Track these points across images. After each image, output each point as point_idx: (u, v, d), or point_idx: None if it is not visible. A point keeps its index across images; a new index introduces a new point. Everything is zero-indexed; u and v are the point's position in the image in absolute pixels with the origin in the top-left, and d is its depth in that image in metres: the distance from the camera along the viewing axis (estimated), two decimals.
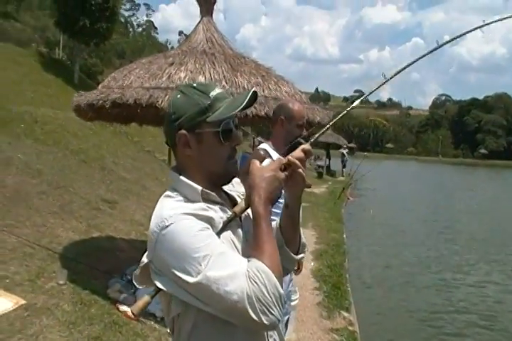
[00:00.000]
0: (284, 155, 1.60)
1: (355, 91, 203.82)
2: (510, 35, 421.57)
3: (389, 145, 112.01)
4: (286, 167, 1.54)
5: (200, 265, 1.34)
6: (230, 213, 1.54)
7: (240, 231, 1.58)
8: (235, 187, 1.72)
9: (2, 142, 8.98)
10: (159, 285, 1.42)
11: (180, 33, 71.96)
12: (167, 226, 1.39)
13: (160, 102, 4.24)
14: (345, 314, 6.15)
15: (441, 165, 77.80)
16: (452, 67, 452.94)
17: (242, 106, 1.51)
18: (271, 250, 1.43)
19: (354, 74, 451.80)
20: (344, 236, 11.38)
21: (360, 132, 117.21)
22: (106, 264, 5.88)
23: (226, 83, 4.55)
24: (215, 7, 5.46)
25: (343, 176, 29.05)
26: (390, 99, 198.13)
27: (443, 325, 7.45)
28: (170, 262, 1.37)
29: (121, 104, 4.42)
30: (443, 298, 8.84)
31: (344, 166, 30.66)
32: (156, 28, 68.84)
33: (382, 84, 1.94)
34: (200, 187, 1.51)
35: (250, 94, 1.53)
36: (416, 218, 18.89)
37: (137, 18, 63.02)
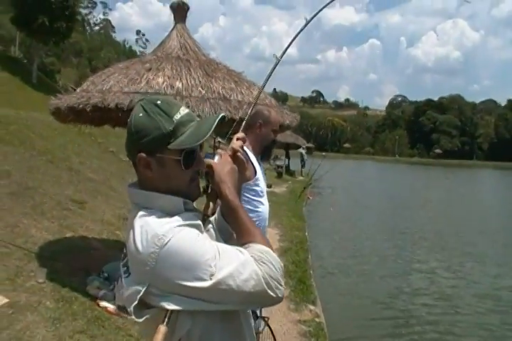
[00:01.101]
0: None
1: (313, 91, 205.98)
2: (464, 39, 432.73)
3: (346, 145, 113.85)
4: (233, 157, 1.67)
5: (211, 267, 1.39)
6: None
7: (213, 231, 1.64)
8: None
9: None
10: (169, 306, 1.39)
11: (138, 32, 71.52)
12: (168, 242, 1.39)
13: None
14: (312, 307, 6.54)
15: (397, 164, 79.50)
16: (409, 68, 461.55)
17: (207, 135, 1.50)
18: (259, 232, 1.58)
19: (312, 75, 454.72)
20: (306, 233, 11.81)
21: (319, 132, 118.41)
22: (82, 263, 6.02)
23: (202, 88, 4.77)
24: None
25: (302, 176, 29.61)
26: (347, 100, 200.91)
27: (403, 309, 8.07)
28: (178, 276, 1.38)
29: (102, 108, 4.60)
30: (399, 284, 9.52)
31: (303, 166, 31.25)
32: (113, 27, 68.09)
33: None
34: (181, 198, 1.53)
35: (217, 121, 1.53)
36: (373, 214, 19.68)
37: (94, 17, 62.34)
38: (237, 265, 1.43)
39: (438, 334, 7.14)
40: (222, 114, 1.60)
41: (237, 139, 1.73)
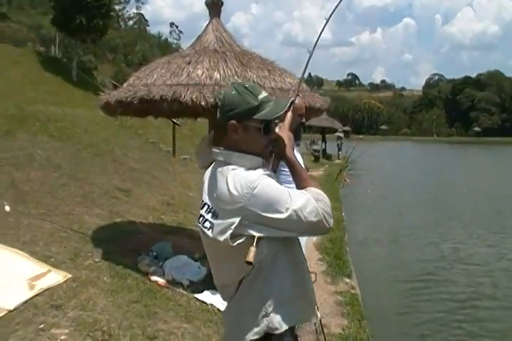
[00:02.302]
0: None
1: (349, 74, 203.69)
2: (502, 13, 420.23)
3: (383, 127, 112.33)
4: (289, 128, 2.28)
5: (287, 203, 1.93)
6: None
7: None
8: None
9: (22, 139, 9.62)
10: (256, 233, 1.92)
11: (172, 24, 71.87)
12: (257, 185, 1.93)
13: (183, 97, 4.88)
14: (347, 280, 6.93)
15: (436, 144, 78.36)
16: (445, 46, 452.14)
17: (281, 112, 2.07)
18: (312, 180, 2.17)
19: (346, 58, 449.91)
20: (343, 213, 12.21)
21: (355, 115, 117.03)
22: (131, 244, 6.57)
23: (238, 78, 5.14)
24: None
25: (339, 159, 29.65)
26: (383, 81, 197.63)
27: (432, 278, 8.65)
28: (264, 210, 1.91)
29: (148, 100, 5.03)
30: (431, 256, 10.10)
31: (340, 149, 31.35)
32: (146, 21, 68.72)
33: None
34: (260, 158, 2.07)
35: (289, 103, 2.15)
36: (411, 194, 19.83)
37: (127, 11, 63.03)
38: (303, 202, 1.97)
39: (474, 306, 7.46)
40: (293, 99, 2.29)
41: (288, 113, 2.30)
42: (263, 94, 2.07)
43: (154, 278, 5.43)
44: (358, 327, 5.25)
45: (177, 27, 68.88)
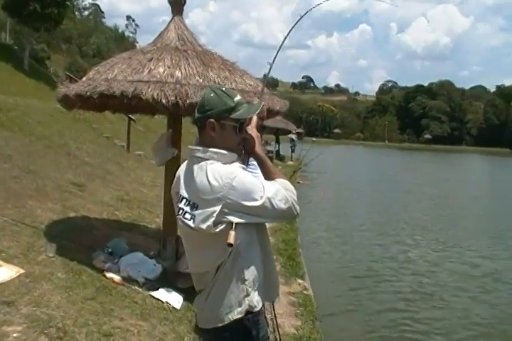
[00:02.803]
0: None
1: (304, 77, 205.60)
2: (453, 26, 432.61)
3: (337, 130, 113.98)
4: (256, 129, 2.48)
5: (261, 192, 2.19)
6: None
7: None
8: None
9: None
10: (235, 219, 2.18)
11: (129, 17, 70.80)
12: (235, 176, 2.19)
13: (144, 94, 4.83)
14: (300, 281, 7.08)
15: (387, 149, 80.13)
16: (399, 53, 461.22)
17: (255, 113, 2.39)
18: (279, 172, 2.45)
19: (302, 61, 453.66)
20: None
21: (309, 117, 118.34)
22: (86, 240, 6.44)
23: (199, 77, 5.14)
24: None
25: (292, 161, 29.87)
26: (337, 85, 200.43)
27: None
28: (242, 198, 2.17)
29: (108, 95, 4.96)
30: (380, 256, 10.66)
31: (293, 151, 31.63)
32: (102, 12, 67.43)
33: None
34: (235, 154, 2.33)
35: (261, 106, 2.44)
36: (363, 198, 20.54)
37: (82, 1, 61.28)
38: (274, 191, 2.23)
39: (421, 305, 7.82)
40: (263, 103, 2.57)
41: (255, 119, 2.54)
42: (238, 97, 2.33)
43: (110, 274, 5.36)
44: (311, 327, 5.37)
45: (133, 20, 67.74)
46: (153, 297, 5.17)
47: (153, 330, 4.44)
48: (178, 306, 5.12)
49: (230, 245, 2.15)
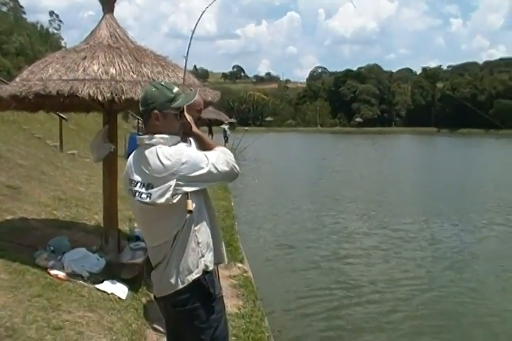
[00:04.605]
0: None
1: (234, 67, 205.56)
2: (379, 10, 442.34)
3: (269, 118, 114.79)
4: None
5: (206, 161, 2.62)
6: None
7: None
8: None
9: None
10: (189, 189, 2.59)
11: (52, 13, 68.33)
12: (183, 152, 2.61)
13: (80, 92, 4.90)
14: (240, 264, 7.38)
15: (320, 134, 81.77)
16: (327, 39, 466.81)
17: (192, 100, 2.79)
18: (215, 143, 2.92)
19: (232, 50, 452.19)
20: (232, 203, 12.82)
21: (240, 107, 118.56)
22: (26, 241, 6.43)
23: (133, 73, 5.26)
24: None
25: None
26: (268, 74, 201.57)
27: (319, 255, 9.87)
28: (192, 169, 2.57)
29: (44, 95, 5.01)
30: (315, 235, 11.67)
31: (226, 141, 32.01)
32: (22, 7, 64.73)
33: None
34: (178, 137, 2.75)
35: (197, 94, 2.89)
36: (298, 182, 21.57)
37: None
38: (216, 156, 2.67)
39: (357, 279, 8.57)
40: (198, 91, 3.11)
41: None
42: (176, 89, 2.74)
43: (54, 271, 5.44)
44: (252, 306, 5.65)
45: (57, 16, 65.44)
46: (99, 289, 5.30)
47: (102, 320, 4.60)
48: (123, 296, 5.30)
49: (190, 211, 2.57)
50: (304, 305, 7.33)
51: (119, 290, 5.34)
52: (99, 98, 4.97)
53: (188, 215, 2.61)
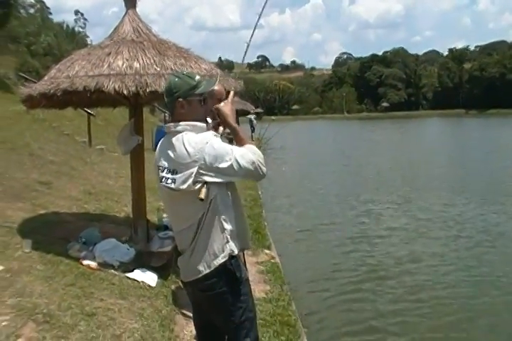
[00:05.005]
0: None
1: (259, 56, 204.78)
2: None
3: (295, 106, 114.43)
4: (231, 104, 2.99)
5: (230, 154, 2.66)
6: None
7: None
8: None
9: None
10: (209, 179, 2.66)
11: (77, 12, 68.78)
12: (208, 141, 2.68)
13: (106, 87, 5.05)
14: (267, 251, 7.51)
15: (346, 120, 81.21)
16: (352, 25, 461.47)
17: (213, 86, 2.98)
18: (250, 140, 2.91)
19: (256, 40, 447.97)
20: (259, 192, 12.95)
21: (266, 97, 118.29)
22: (59, 233, 6.68)
23: (157, 66, 5.37)
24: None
25: (253, 140, 30.16)
26: (293, 62, 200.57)
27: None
28: (214, 161, 2.63)
29: (71, 92, 5.18)
30: (342, 218, 11.84)
31: (253, 131, 32.02)
32: (48, 8, 65.40)
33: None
34: (204, 124, 2.85)
35: (218, 80, 3.04)
36: (326, 170, 21.33)
37: None
38: (241, 153, 2.70)
39: (385, 269, 8.45)
40: (218, 78, 3.27)
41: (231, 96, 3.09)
42: (198, 76, 2.88)
43: (86, 262, 5.66)
44: (280, 290, 5.79)
45: (82, 15, 65.84)
46: (129, 278, 5.50)
47: (132, 307, 4.80)
48: (153, 284, 5.49)
49: (201, 200, 2.65)
50: (330, 288, 7.44)
51: (149, 278, 5.53)
52: (125, 92, 5.11)
53: (210, 199, 2.70)
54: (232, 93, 3.10)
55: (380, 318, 6.47)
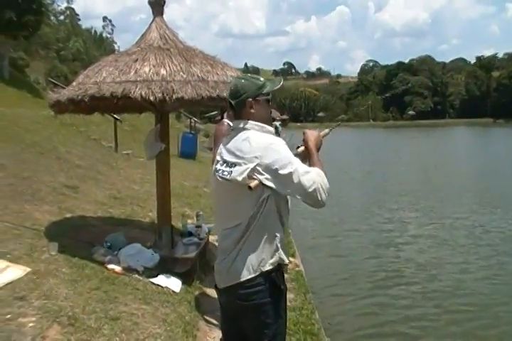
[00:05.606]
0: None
1: (285, 63, 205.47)
2: (430, 1, 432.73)
3: (321, 114, 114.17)
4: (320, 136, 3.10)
5: (293, 164, 2.61)
6: None
7: None
8: None
9: None
10: (263, 180, 2.60)
11: (105, 18, 70.00)
12: (273, 143, 2.68)
13: (132, 93, 5.10)
14: (292, 259, 7.44)
15: (372, 129, 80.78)
16: (377, 33, 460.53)
17: (279, 85, 2.91)
18: (321, 166, 2.79)
19: (282, 47, 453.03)
20: None
21: (292, 104, 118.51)
22: (84, 237, 6.76)
23: (183, 73, 5.41)
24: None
25: None
26: (319, 69, 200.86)
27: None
28: (274, 163, 2.59)
29: (98, 97, 5.23)
30: (365, 225, 11.88)
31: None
32: (77, 15, 66.75)
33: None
34: (273, 129, 2.93)
35: (282, 81, 2.97)
36: (353, 176, 21.58)
37: (58, 6, 60.56)
38: (307, 170, 2.65)
39: (404, 275, 8.46)
40: (282, 80, 3.05)
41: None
42: (262, 77, 2.92)
43: (111, 266, 5.71)
44: (303, 299, 5.77)
45: (110, 21, 66.99)
46: (153, 283, 5.53)
47: (156, 312, 4.82)
48: (177, 289, 5.51)
49: (250, 188, 2.58)
50: (354, 297, 7.44)
51: (173, 283, 5.55)
52: (151, 98, 5.14)
53: (262, 198, 2.65)
54: (326, 131, 3.23)
55: (400, 323, 6.51)
